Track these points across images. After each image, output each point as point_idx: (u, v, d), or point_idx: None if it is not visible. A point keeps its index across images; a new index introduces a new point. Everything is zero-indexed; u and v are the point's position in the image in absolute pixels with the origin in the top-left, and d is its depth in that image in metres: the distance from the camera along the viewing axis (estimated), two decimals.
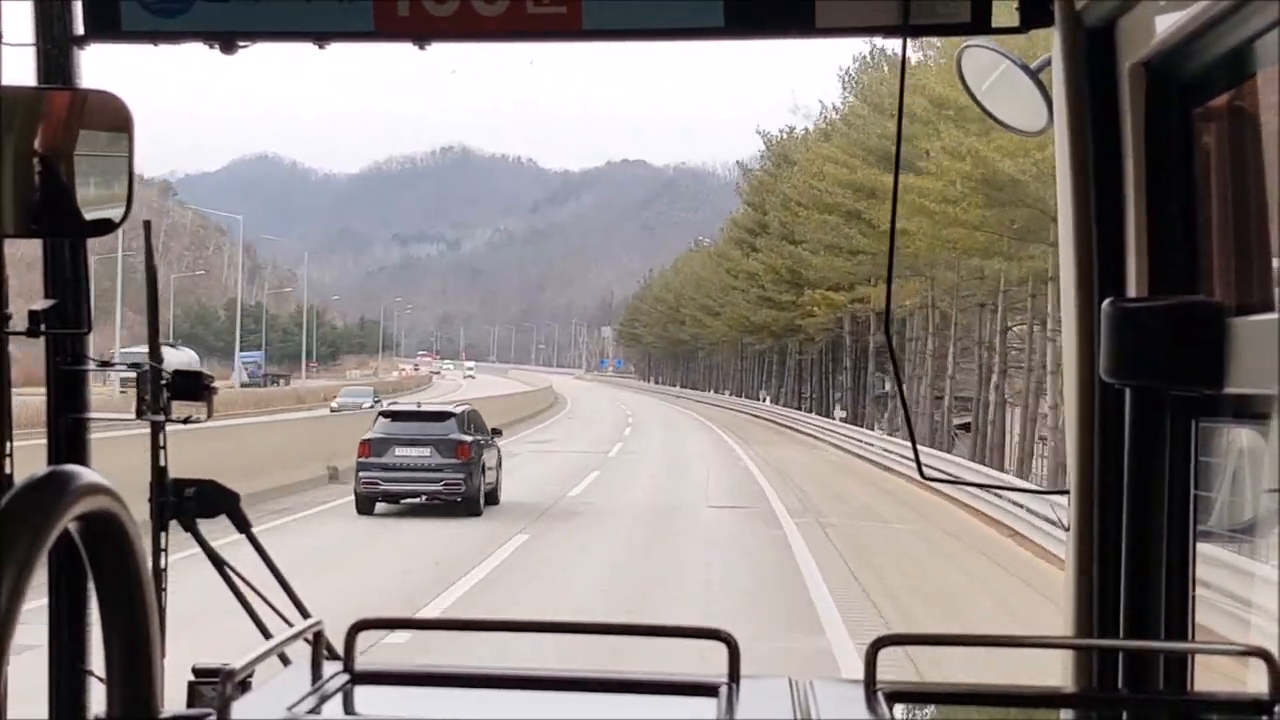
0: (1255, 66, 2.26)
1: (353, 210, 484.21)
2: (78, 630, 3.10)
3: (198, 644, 2.76)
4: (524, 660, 10.09)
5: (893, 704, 2.04)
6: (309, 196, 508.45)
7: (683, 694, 2.19)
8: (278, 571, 3.15)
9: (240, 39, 2.94)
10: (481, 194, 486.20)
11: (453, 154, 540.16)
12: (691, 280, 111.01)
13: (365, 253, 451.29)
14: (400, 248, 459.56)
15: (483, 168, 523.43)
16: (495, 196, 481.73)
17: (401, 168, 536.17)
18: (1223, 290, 2.51)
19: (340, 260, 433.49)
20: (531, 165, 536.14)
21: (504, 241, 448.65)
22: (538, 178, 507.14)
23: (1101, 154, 2.68)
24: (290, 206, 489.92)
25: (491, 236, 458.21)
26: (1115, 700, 2.52)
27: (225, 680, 1.84)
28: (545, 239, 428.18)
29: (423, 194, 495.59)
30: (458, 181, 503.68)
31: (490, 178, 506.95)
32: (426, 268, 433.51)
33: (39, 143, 2.79)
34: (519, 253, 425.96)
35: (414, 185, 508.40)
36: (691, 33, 2.93)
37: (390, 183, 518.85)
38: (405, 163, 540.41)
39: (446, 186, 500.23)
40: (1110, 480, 2.70)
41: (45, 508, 1.50)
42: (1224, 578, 2.74)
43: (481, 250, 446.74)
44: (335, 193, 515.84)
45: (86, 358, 3.08)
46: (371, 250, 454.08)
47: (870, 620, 16.29)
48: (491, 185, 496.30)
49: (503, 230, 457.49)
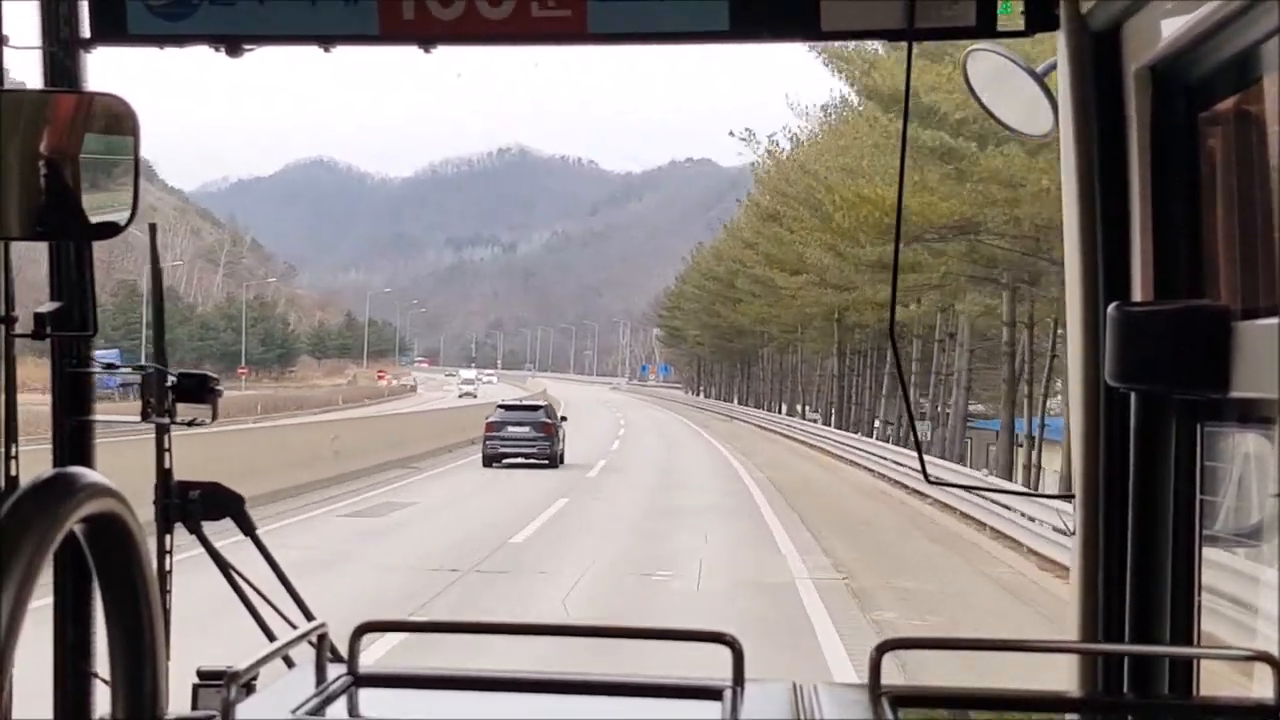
0: (1261, 70, 2.30)
1: (406, 214, 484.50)
2: (83, 632, 3.17)
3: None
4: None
5: (897, 708, 2.09)
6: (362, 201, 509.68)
7: (687, 697, 2.24)
8: (282, 574, 3.22)
9: (245, 42, 3.01)
10: (539, 196, 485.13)
11: (510, 155, 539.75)
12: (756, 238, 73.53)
13: (417, 257, 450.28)
14: (454, 251, 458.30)
15: (541, 169, 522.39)
16: (553, 198, 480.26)
17: (457, 170, 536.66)
18: (1228, 294, 2.55)
19: (390, 265, 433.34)
20: (592, 166, 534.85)
21: (560, 244, 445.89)
22: (598, 179, 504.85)
23: (1107, 158, 2.72)
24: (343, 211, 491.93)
25: (548, 239, 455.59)
26: (1120, 705, 2.57)
27: (229, 682, 1.88)
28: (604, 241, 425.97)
29: (478, 196, 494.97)
30: (515, 183, 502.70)
31: (548, 179, 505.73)
32: (477, 271, 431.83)
33: (45, 145, 2.83)
34: (575, 255, 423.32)
35: (470, 188, 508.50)
36: (696, 36, 2.97)
37: (445, 185, 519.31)
38: (461, 165, 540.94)
39: (503, 188, 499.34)
40: (1116, 485, 2.74)
41: (50, 510, 1.56)
42: (1229, 582, 2.77)
43: (537, 253, 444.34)
44: (389, 196, 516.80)
45: (92, 360, 3.15)
46: (423, 255, 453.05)
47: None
48: (550, 187, 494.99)
49: (560, 233, 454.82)
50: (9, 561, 1.48)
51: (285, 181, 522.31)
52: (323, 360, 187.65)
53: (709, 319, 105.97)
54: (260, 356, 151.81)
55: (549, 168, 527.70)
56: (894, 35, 2.93)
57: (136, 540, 1.76)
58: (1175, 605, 2.65)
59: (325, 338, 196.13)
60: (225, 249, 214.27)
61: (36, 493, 1.57)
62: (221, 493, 3.21)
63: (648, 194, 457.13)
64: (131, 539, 1.75)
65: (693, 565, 22.37)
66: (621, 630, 2.41)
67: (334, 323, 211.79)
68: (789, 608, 18.42)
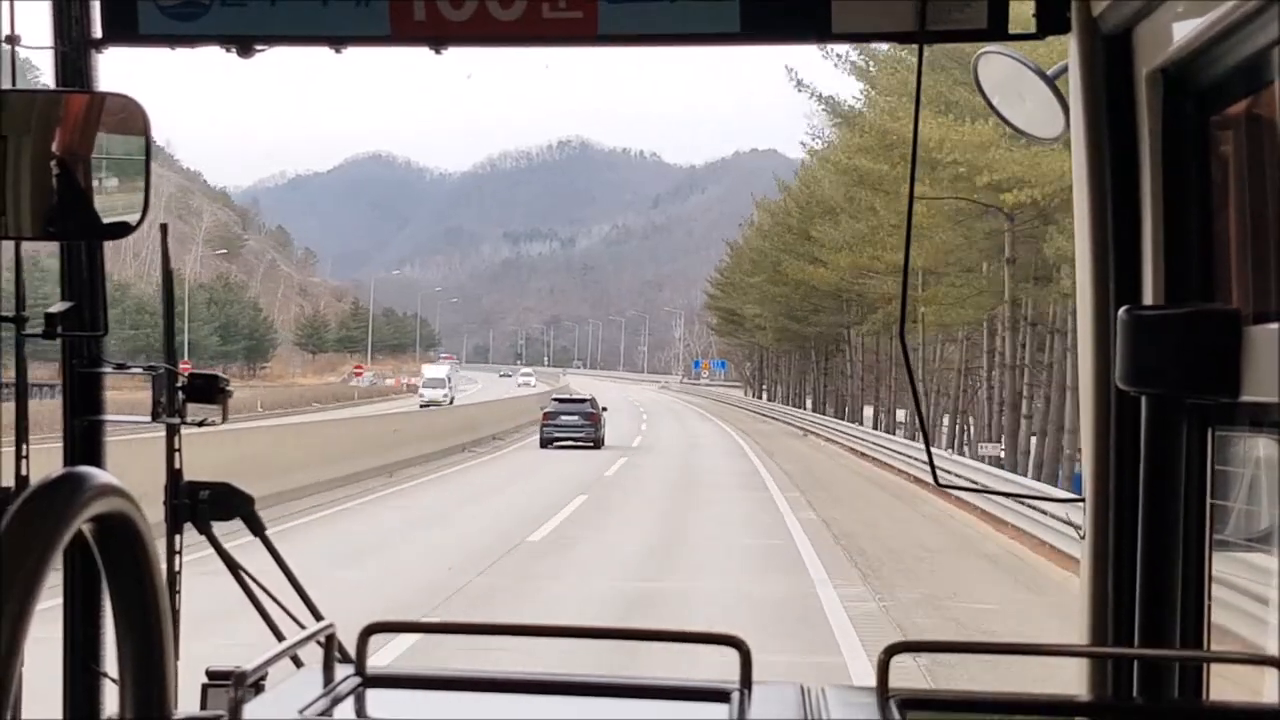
0: (1273, 73, 2.31)
1: (463, 208, 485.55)
2: (91, 631, 3.21)
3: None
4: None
5: (905, 711, 2.12)
6: (420, 195, 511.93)
7: (694, 699, 2.27)
8: (291, 574, 3.25)
9: (257, 43, 3.06)
10: (599, 190, 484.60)
11: (570, 148, 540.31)
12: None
13: (473, 252, 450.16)
14: (511, 246, 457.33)
15: (602, 162, 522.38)
16: (614, 192, 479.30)
17: (516, 164, 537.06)
18: (1240, 298, 2.58)
19: (446, 260, 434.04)
20: (655, 159, 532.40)
21: (620, 238, 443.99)
22: (660, 172, 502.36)
23: (1118, 161, 2.75)
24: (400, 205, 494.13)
25: (607, 233, 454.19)
26: (1130, 709, 2.60)
27: (238, 682, 1.92)
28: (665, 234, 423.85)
29: (537, 190, 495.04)
30: (575, 177, 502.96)
31: (609, 173, 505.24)
32: (534, 266, 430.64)
33: (56, 145, 2.90)
34: (636, 249, 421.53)
35: (529, 181, 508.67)
36: (707, 38, 3.01)
37: (504, 179, 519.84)
38: (520, 158, 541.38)
39: (563, 182, 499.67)
40: (1126, 488, 2.77)
41: (60, 509, 1.59)
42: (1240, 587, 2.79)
43: (595, 247, 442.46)
44: (447, 191, 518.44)
45: (102, 360, 3.20)
46: (480, 250, 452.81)
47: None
48: (610, 180, 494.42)
49: (620, 226, 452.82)
50: (19, 561, 1.51)
51: (343, 177, 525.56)
52: (318, 355, 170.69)
53: (773, 287, 75.23)
54: (219, 349, 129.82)
55: (610, 161, 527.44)
56: (905, 38, 2.96)
57: (145, 540, 1.79)
58: (1185, 609, 2.67)
59: (321, 329, 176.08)
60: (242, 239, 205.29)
61: (46, 492, 1.60)
62: (231, 493, 3.24)
63: (711, 186, 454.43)
64: (140, 539, 1.78)
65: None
66: (631, 632, 2.44)
67: (336, 314, 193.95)
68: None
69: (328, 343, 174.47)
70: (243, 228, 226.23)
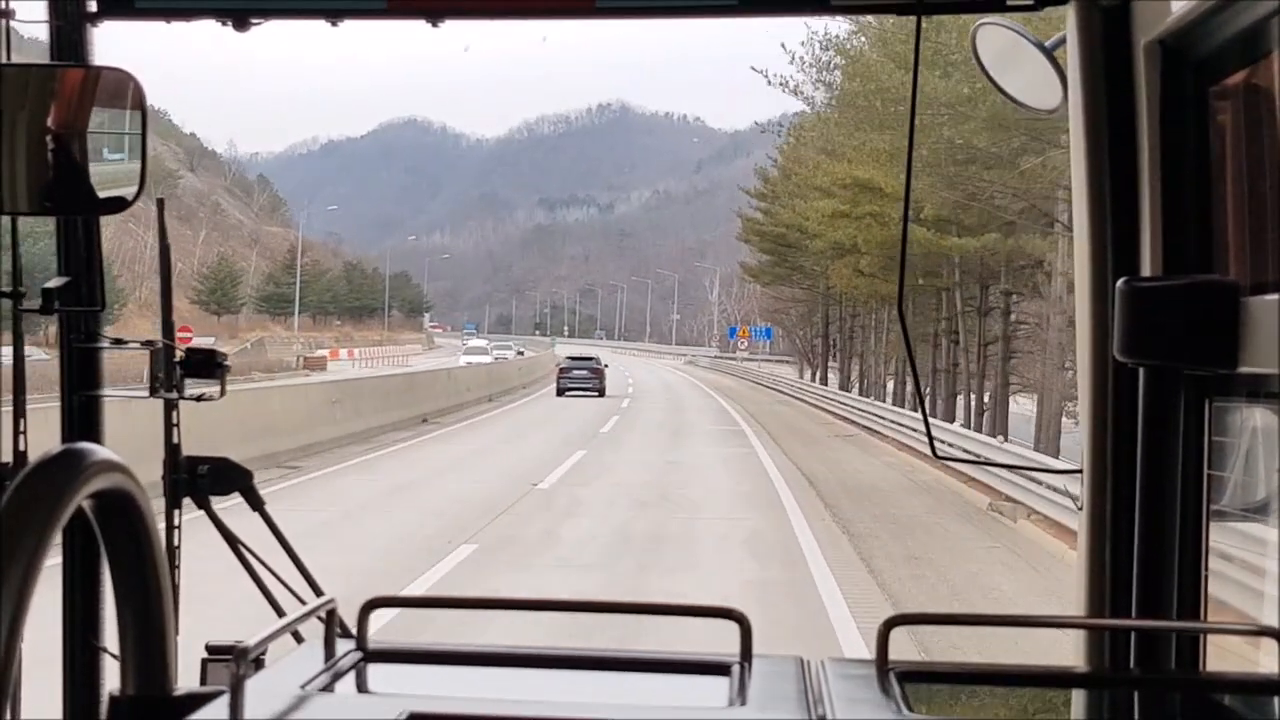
0: (1271, 44, 2.36)
1: (499, 174, 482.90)
2: (92, 607, 3.27)
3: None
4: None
5: (904, 683, 2.17)
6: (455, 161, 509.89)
7: (695, 673, 2.32)
8: (290, 548, 3.29)
9: (252, 16, 3.08)
10: (640, 155, 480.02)
11: (610, 112, 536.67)
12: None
13: (508, 219, 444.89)
14: (546, 212, 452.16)
15: (643, 126, 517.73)
16: (655, 157, 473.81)
17: (554, 128, 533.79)
18: (1238, 269, 2.62)
19: (478, 226, 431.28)
20: (699, 124, 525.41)
21: (660, 203, 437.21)
22: (705, 136, 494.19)
23: (1116, 132, 2.79)
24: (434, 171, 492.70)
25: (647, 199, 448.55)
26: (1127, 680, 2.64)
27: (238, 658, 1.92)
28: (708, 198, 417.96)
29: (575, 156, 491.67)
30: (614, 142, 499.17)
31: (649, 138, 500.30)
32: (568, 233, 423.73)
33: (52, 120, 2.94)
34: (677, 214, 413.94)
35: (566, 147, 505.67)
36: (705, 10, 3.05)
37: (541, 145, 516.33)
38: (558, 123, 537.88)
39: (602, 147, 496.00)
40: (1124, 459, 2.83)
41: (59, 485, 1.65)
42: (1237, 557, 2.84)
43: (634, 213, 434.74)
44: (483, 156, 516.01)
45: (100, 335, 3.26)
46: (514, 216, 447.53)
47: None
48: (651, 145, 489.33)
49: (661, 191, 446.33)
50: (19, 536, 1.57)
51: (377, 142, 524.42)
52: (223, 317, 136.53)
53: (850, 207, 45.13)
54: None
55: (651, 125, 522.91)
56: (903, 9, 2.99)
57: (145, 516, 1.85)
58: (1182, 580, 2.73)
59: (226, 283, 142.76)
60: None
61: (45, 468, 1.66)
62: (230, 468, 3.29)
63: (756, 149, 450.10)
64: (140, 514, 1.84)
65: None
66: (630, 605, 2.50)
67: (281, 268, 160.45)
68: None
69: (235, 302, 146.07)
70: (190, 167, 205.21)
